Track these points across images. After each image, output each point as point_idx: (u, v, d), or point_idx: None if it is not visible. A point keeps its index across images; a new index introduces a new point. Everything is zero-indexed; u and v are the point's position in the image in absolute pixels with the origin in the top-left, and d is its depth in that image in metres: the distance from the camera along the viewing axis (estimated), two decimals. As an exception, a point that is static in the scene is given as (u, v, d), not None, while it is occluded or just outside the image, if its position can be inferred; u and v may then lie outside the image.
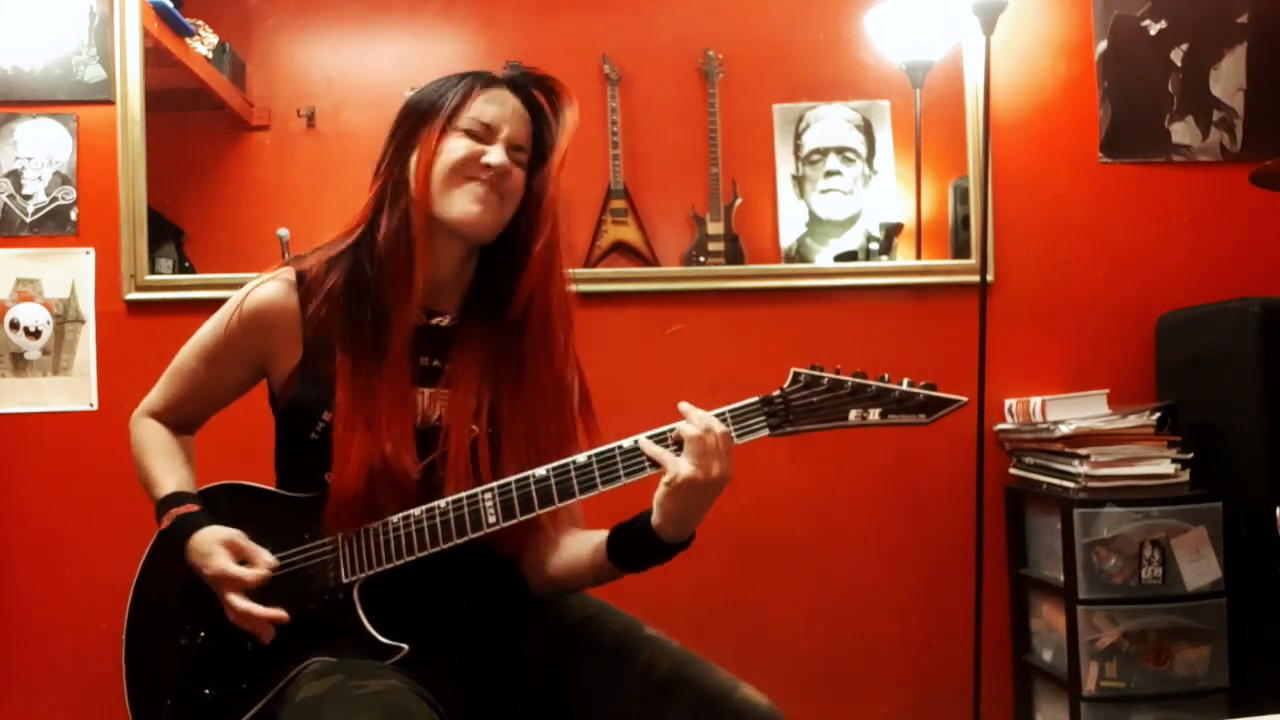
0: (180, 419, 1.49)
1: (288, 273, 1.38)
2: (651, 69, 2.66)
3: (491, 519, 1.27)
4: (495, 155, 1.32)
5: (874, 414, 1.23)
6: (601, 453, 1.26)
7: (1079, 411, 2.39)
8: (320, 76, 2.64)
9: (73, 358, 2.43)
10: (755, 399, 1.26)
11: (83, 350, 2.44)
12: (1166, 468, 2.32)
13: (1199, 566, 2.25)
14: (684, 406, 1.24)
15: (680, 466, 1.20)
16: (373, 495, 1.28)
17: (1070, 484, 2.31)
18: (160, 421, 1.48)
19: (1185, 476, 2.32)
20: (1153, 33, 2.64)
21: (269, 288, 1.38)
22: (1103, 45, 2.63)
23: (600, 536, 1.32)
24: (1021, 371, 2.57)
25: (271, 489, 1.40)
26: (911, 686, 2.56)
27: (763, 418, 1.24)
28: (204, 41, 2.57)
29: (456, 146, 1.32)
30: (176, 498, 1.38)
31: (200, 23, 2.57)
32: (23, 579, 2.42)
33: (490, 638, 1.35)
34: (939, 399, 1.22)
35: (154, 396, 1.49)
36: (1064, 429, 2.34)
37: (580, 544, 1.36)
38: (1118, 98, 2.63)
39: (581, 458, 1.27)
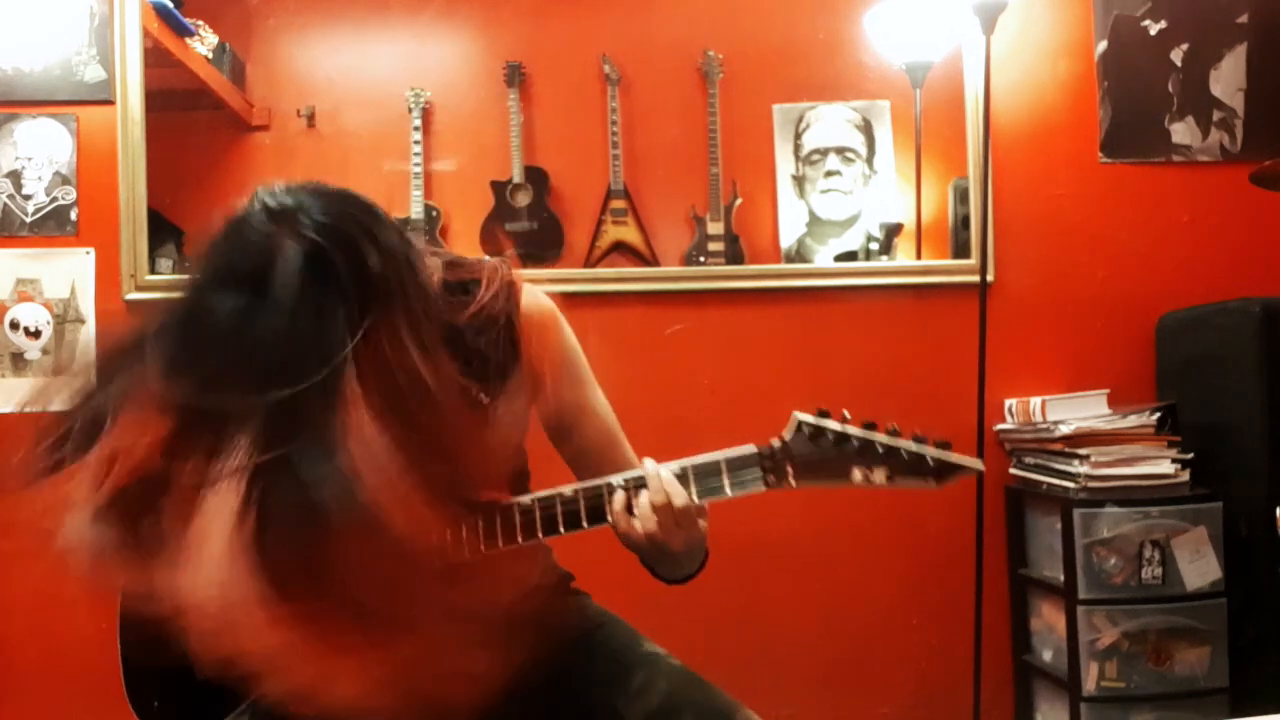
0: None
1: None
2: (651, 69, 2.66)
3: None
4: None
5: (879, 476, 1.14)
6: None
7: (1079, 412, 2.39)
8: (320, 76, 2.64)
9: (73, 358, 2.43)
10: (753, 449, 1.14)
11: (83, 350, 2.44)
12: (1166, 468, 2.32)
13: (1199, 566, 2.25)
14: (646, 465, 1.14)
15: (634, 532, 1.13)
16: None
17: (1070, 484, 2.31)
18: None
19: (1185, 476, 2.32)
20: (1153, 33, 2.64)
21: None
22: (1103, 45, 2.63)
23: None
24: (1021, 371, 2.57)
25: None
26: (911, 686, 2.56)
27: (759, 471, 1.14)
28: (204, 41, 2.57)
29: None
30: None
31: (200, 23, 2.57)
32: (22, 579, 2.42)
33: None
34: (950, 465, 1.12)
35: None
36: (1064, 429, 2.34)
37: None
38: (1118, 98, 2.63)
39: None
